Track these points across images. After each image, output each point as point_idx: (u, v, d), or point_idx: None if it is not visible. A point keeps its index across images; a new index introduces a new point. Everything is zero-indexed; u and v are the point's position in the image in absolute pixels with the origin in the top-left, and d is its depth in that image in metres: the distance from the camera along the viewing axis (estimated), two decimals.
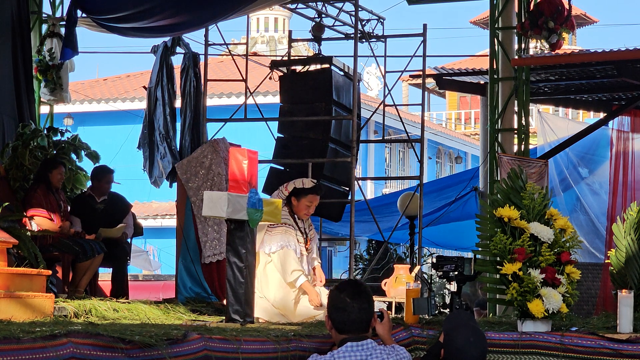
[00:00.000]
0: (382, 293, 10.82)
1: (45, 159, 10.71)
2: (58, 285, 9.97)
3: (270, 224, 8.36)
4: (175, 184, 11.38)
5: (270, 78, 13.12)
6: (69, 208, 10.68)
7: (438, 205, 15.81)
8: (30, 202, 10.18)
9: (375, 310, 5.65)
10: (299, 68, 13.30)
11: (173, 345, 5.06)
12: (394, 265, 11.36)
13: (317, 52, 13.40)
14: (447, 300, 15.99)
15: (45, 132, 11.62)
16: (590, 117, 19.56)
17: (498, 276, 6.28)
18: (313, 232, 8.89)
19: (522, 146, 12.90)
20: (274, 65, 13.14)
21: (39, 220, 10.11)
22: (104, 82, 32.61)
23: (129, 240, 11.18)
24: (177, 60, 12.08)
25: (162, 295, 12.16)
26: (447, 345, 5.53)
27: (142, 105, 12.72)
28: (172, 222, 12.47)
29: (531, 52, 13.70)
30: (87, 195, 10.96)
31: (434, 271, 8.28)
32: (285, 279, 8.38)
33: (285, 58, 13.49)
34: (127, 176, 11.37)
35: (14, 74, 12.14)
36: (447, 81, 15.45)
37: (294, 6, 13.20)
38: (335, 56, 13.00)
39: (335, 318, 5.38)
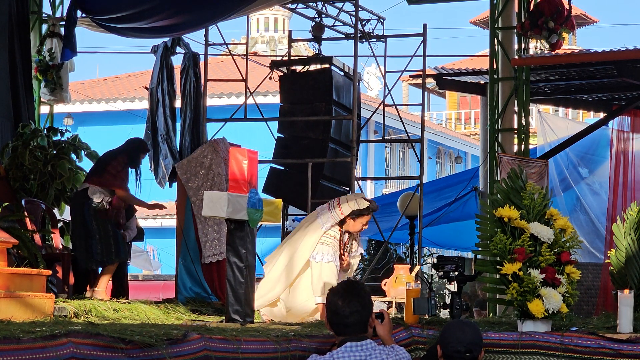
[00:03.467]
0: (382, 293, 10.82)
1: (136, 140, 10.56)
2: (58, 285, 9.96)
3: (326, 235, 8.28)
4: (175, 184, 11.38)
5: (270, 78, 13.13)
6: None
7: (438, 205, 15.81)
8: (121, 178, 10.15)
9: (376, 311, 5.65)
10: (299, 68, 13.31)
11: (173, 345, 5.06)
12: (394, 265, 11.36)
13: (317, 52, 13.40)
14: (447, 300, 15.99)
15: (45, 132, 11.62)
16: (590, 117, 19.56)
17: (498, 276, 6.28)
18: (357, 248, 8.64)
19: (522, 146, 12.90)
20: (274, 65, 13.15)
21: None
22: (104, 82, 32.61)
23: (128, 241, 11.18)
24: (177, 60, 12.10)
25: (162, 295, 12.16)
26: (442, 334, 5.54)
27: (142, 105, 12.74)
28: (172, 222, 12.45)
29: (531, 52, 13.70)
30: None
31: (434, 271, 8.29)
32: (316, 291, 8.19)
33: (285, 58, 13.50)
34: None
35: (11, 74, 12.14)
36: (447, 81, 15.45)
37: (294, 6, 13.21)
38: (335, 56, 13.01)
39: (330, 321, 5.39)
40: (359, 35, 12.53)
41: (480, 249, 6.48)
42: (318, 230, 8.38)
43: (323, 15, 13.29)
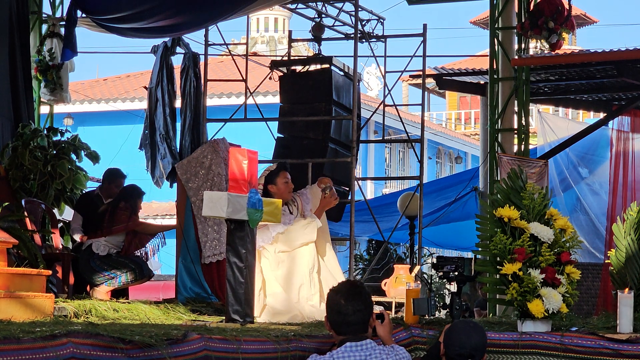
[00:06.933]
0: (382, 293, 10.82)
1: (130, 187, 10.80)
2: (58, 285, 9.97)
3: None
4: (175, 184, 11.38)
5: (270, 78, 13.11)
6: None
7: (438, 205, 15.81)
8: (132, 219, 10.50)
9: (376, 311, 5.65)
10: (299, 68, 13.29)
11: (173, 345, 5.06)
12: (394, 265, 11.37)
13: (317, 52, 13.39)
14: (447, 300, 15.99)
15: (45, 132, 11.62)
16: (590, 117, 19.56)
17: (498, 276, 6.28)
18: (300, 198, 8.92)
19: (522, 146, 12.90)
20: (274, 65, 13.14)
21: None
22: (104, 82, 32.61)
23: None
24: (177, 60, 12.09)
25: (162, 295, 12.15)
26: (448, 333, 5.53)
27: (142, 105, 12.73)
28: (172, 222, 12.46)
29: (531, 52, 13.69)
30: (95, 195, 10.97)
31: (434, 271, 8.29)
32: (311, 239, 8.44)
33: (285, 58, 13.48)
34: (127, 176, 11.37)
35: (11, 74, 12.12)
36: (447, 81, 15.44)
37: (294, 6, 13.19)
38: (335, 56, 12.99)
39: (331, 320, 5.39)
40: (359, 35, 12.51)
41: (480, 249, 6.48)
42: None
43: (323, 15, 13.27)
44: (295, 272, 8.50)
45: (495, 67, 13.03)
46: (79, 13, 11.29)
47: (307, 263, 8.50)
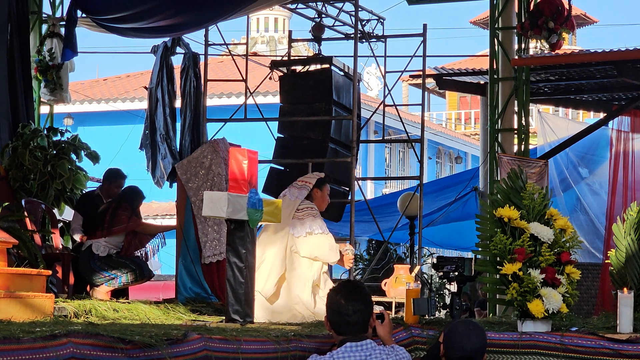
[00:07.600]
0: (382, 293, 10.82)
1: (131, 188, 10.80)
2: (58, 285, 9.97)
3: (299, 209, 8.43)
4: (175, 184, 11.38)
5: (270, 78, 13.12)
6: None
7: (438, 205, 15.81)
8: (133, 220, 10.50)
9: (376, 311, 5.65)
10: (299, 68, 13.30)
11: (173, 345, 5.06)
12: (394, 265, 11.36)
13: (317, 52, 13.40)
14: (447, 300, 15.98)
15: (45, 132, 11.62)
16: (590, 117, 19.57)
17: (498, 276, 6.28)
18: None
19: (522, 146, 12.91)
20: (274, 65, 13.15)
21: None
22: (104, 82, 32.61)
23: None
24: (177, 60, 12.10)
25: (162, 295, 12.16)
26: (448, 335, 5.52)
27: (142, 105, 12.74)
28: (172, 222, 12.47)
29: (531, 52, 13.70)
30: (95, 194, 10.99)
31: (434, 271, 8.30)
32: (329, 259, 8.52)
33: (285, 58, 13.49)
34: (127, 177, 11.37)
35: (10, 75, 12.12)
36: (447, 81, 15.45)
37: (294, 6, 13.20)
38: (335, 56, 13.01)
39: (332, 320, 5.39)
40: (359, 35, 12.51)
41: (480, 249, 6.47)
42: (289, 203, 8.49)
43: (323, 15, 13.28)
44: (294, 278, 8.53)
45: (495, 67, 13.04)
46: (79, 13, 11.30)
47: (304, 274, 8.53)
